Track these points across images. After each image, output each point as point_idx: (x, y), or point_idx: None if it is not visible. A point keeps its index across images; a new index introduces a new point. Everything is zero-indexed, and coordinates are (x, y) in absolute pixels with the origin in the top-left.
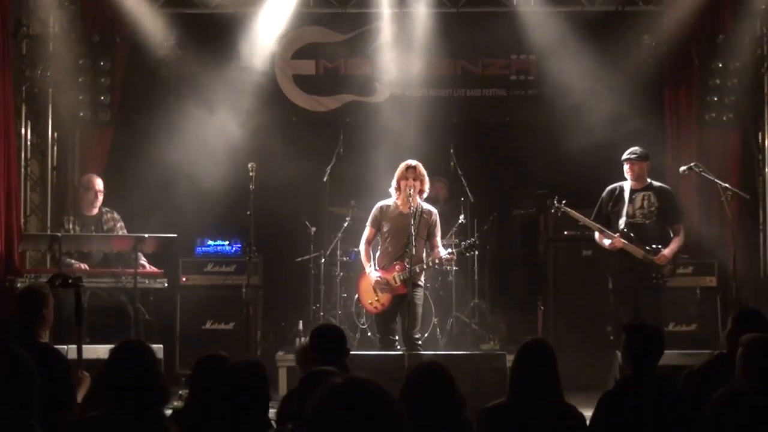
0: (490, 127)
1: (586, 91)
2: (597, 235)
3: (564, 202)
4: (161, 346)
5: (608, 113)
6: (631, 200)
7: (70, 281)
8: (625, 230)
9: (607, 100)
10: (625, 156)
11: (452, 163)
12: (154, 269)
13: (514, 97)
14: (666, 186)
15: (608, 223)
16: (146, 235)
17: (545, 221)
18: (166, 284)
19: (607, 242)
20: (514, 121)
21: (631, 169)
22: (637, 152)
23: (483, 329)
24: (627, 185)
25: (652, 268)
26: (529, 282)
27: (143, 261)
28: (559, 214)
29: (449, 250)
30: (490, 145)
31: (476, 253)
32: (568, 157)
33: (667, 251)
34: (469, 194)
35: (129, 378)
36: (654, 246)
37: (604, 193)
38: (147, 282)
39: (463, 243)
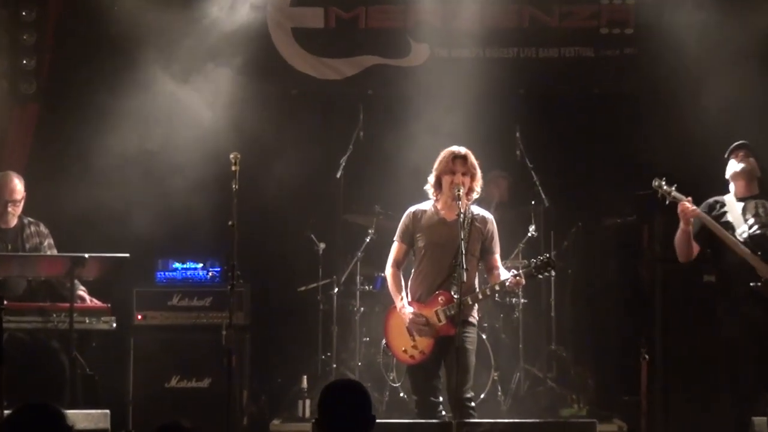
0: (572, 102)
1: (706, 51)
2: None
3: (675, 186)
4: (107, 412)
5: (739, 83)
6: (743, 210)
7: None
8: (749, 240)
9: (738, 64)
10: (735, 144)
11: (518, 152)
12: (97, 303)
13: (606, 59)
14: None
15: (707, 245)
16: (86, 255)
17: (650, 234)
18: (115, 324)
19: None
20: (605, 93)
21: (746, 158)
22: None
23: (563, 387)
24: (730, 197)
25: None
26: (629, 320)
27: (83, 292)
28: (667, 202)
29: (513, 272)
30: (572, 127)
31: (553, 275)
32: (683, 144)
33: None
34: (543, 196)
35: None
36: None
37: (701, 206)
38: (88, 321)
39: (534, 261)
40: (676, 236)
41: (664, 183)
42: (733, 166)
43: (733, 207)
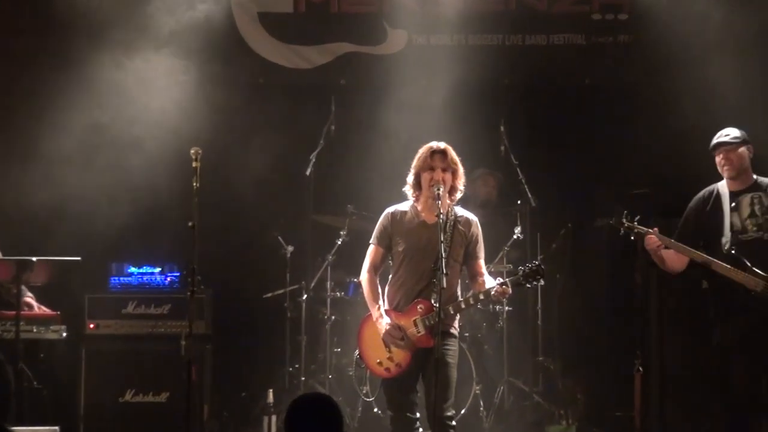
0: (561, 94)
1: (708, 39)
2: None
3: (638, 218)
4: (56, 428)
5: (742, 74)
6: (734, 207)
7: None
8: (733, 252)
9: (741, 52)
10: (719, 139)
11: (502, 148)
12: (46, 311)
13: (598, 47)
14: None
15: (698, 245)
16: (34, 259)
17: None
18: (65, 334)
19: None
20: (597, 84)
21: (728, 158)
22: (738, 134)
23: (551, 402)
24: (723, 187)
25: None
26: (622, 329)
27: (30, 298)
28: (632, 237)
29: (499, 279)
30: (561, 121)
31: (540, 284)
32: (681, 140)
33: None
34: (529, 195)
35: None
36: None
37: (693, 203)
38: (36, 330)
39: (521, 269)
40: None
41: (624, 219)
42: (718, 167)
43: (725, 202)
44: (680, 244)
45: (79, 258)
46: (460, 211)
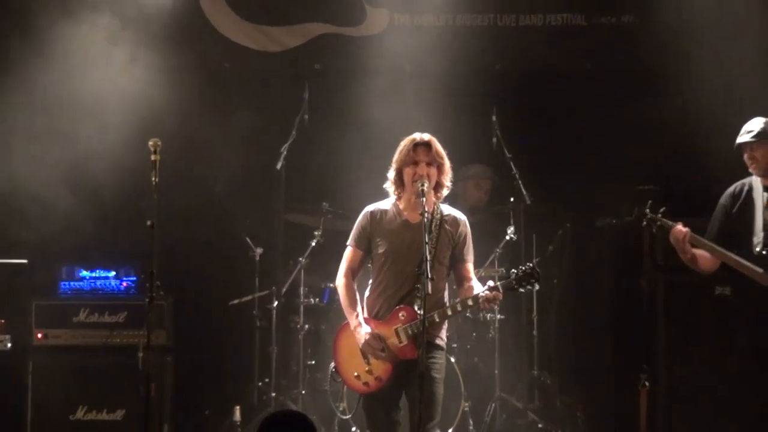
0: (559, 80)
1: (716, 18)
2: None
3: (663, 209)
4: None
5: (759, 55)
6: None
7: None
8: (765, 254)
9: (752, 32)
10: (740, 139)
11: (494, 139)
12: None
13: (599, 28)
14: None
15: (730, 243)
16: None
17: (652, 237)
18: (10, 344)
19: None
20: (598, 68)
21: (752, 157)
22: (759, 128)
23: (548, 421)
24: (756, 182)
25: None
26: (626, 340)
27: None
28: (654, 230)
29: (490, 284)
30: (559, 109)
31: (536, 288)
32: (693, 130)
33: None
34: (524, 191)
35: None
36: None
37: (723, 198)
38: None
39: (514, 272)
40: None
41: (647, 209)
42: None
43: (758, 198)
44: (709, 243)
45: (25, 261)
46: (447, 209)
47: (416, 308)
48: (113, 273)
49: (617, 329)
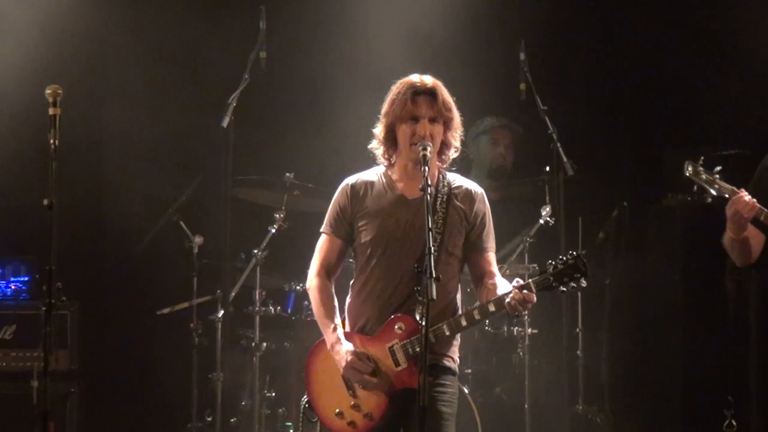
0: (613, 3)
1: None
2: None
3: (719, 169)
4: None
5: None
6: None
7: None
8: None
9: None
10: None
11: (522, 85)
12: None
13: None
14: None
15: None
16: None
17: None
18: None
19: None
20: None
21: None
22: None
23: None
24: None
25: None
26: (705, 361)
27: None
28: (708, 199)
29: (518, 281)
30: (613, 46)
31: (582, 286)
32: None
33: None
34: (564, 158)
35: None
36: None
37: (765, 159)
38: None
39: (551, 263)
40: (725, 242)
41: (701, 168)
42: None
43: None
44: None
45: None
46: (458, 179)
47: (418, 317)
48: None
49: (692, 348)
